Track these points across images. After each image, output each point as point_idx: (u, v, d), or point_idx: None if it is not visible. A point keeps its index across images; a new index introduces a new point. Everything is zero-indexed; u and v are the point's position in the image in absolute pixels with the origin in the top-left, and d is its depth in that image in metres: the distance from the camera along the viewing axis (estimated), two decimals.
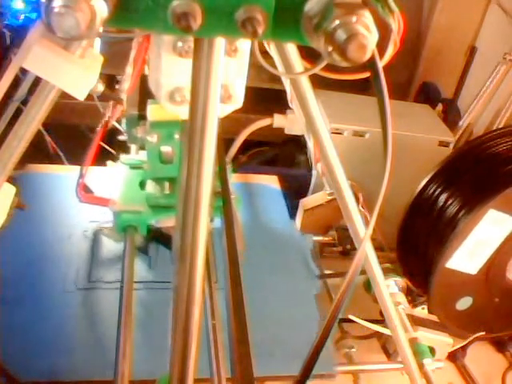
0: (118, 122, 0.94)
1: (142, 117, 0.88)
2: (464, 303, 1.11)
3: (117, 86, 0.86)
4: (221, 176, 0.79)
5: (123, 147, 1.04)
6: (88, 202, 0.93)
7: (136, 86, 0.85)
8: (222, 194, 0.80)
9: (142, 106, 0.87)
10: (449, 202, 1.03)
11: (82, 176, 0.89)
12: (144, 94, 0.86)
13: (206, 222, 0.43)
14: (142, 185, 0.96)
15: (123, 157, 1.01)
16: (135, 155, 1.02)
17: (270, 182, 1.30)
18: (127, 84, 0.84)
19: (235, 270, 0.68)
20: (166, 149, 0.86)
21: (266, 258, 1.06)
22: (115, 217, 0.89)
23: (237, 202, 0.95)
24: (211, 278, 0.83)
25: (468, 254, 1.03)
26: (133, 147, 1.03)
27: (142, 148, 0.99)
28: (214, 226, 0.92)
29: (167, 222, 0.92)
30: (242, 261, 0.70)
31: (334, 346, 1.00)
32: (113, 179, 0.97)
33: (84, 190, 0.91)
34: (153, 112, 0.84)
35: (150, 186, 0.94)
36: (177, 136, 0.84)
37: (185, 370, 0.48)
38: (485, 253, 1.04)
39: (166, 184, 0.92)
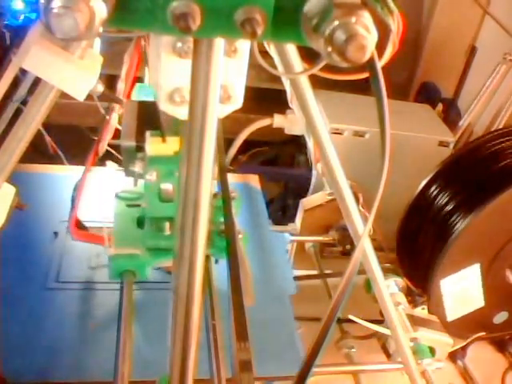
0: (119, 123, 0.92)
1: (139, 148, 0.80)
2: (501, 317, 1.12)
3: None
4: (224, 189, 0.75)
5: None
6: (81, 240, 0.85)
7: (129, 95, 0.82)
8: (226, 232, 0.73)
9: (139, 137, 0.80)
10: (449, 204, 1.03)
11: (74, 208, 0.79)
12: (142, 123, 0.80)
13: (205, 223, 0.43)
14: (140, 223, 0.86)
15: (120, 191, 0.91)
16: (133, 188, 0.91)
17: (250, 181, 1.29)
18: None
19: (235, 269, 0.68)
20: (165, 186, 0.78)
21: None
22: (110, 261, 0.80)
23: (245, 241, 0.82)
24: (211, 278, 0.82)
25: (458, 303, 1.05)
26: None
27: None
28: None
29: (168, 263, 0.83)
30: None
31: (333, 346, 1.00)
32: (111, 184, 0.94)
33: (77, 226, 0.82)
34: (152, 146, 0.77)
35: (149, 226, 0.83)
36: (177, 174, 0.75)
37: (185, 370, 0.48)
38: (476, 292, 1.06)
39: (166, 224, 0.82)
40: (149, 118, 0.76)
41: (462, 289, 1.03)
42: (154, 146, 0.77)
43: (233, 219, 0.76)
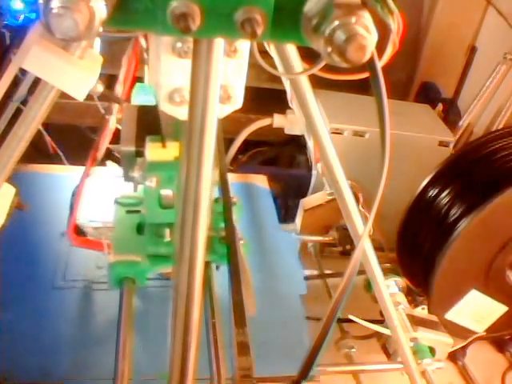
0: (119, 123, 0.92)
1: (139, 153, 0.78)
2: None
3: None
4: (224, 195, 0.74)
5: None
6: (79, 246, 0.84)
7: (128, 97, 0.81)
8: (227, 238, 0.72)
9: (139, 142, 0.78)
10: (449, 204, 1.03)
11: (72, 214, 0.78)
12: (142, 128, 0.78)
13: (205, 223, 0.43)
14: (140, 229, 0.84)
15: (119, 196, 0.90)
16: (133, 193, 0.89)
17: (258, 182, 1.30)
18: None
19: (237, 276, 0.68)
20: (165, 192, 0.76)
21: (253, 257, 1.06)
22: (109, 268, 0.79)
23: (245, 248, 0.81)
24: (211, 278, 0.82)
25: (478, 320, 1.06)
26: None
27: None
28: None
29: (168, 270, 0.82)
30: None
31: (333, 346, 1.00)
32: (112, 184, 0.93)
33: (76, 232, 0.81)
34: (152, 151, 0.75)
35: (148, 233, 0.82)
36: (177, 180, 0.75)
37: (184, 369, 0.48)
38: (489, 305, 1.06)
39: (167, 231, 0.81)
40: (149, 122, 0.75)
41: (472, 311, 1.04)
42: (154, 151, 0.76)
43: (233, 225, 0.75)
